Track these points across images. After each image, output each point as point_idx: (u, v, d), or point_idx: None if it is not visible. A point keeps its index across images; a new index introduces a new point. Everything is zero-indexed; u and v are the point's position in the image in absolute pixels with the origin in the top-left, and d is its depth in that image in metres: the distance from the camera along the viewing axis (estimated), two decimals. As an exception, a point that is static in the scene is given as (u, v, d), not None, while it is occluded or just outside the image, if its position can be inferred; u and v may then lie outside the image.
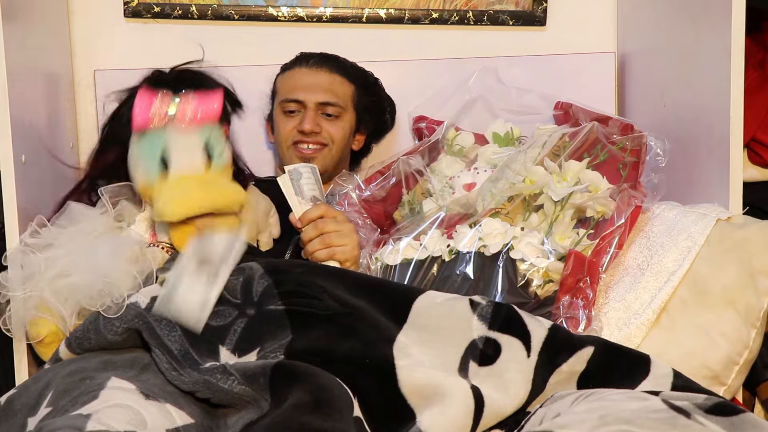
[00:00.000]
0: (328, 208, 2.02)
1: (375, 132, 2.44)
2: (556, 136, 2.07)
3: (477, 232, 1.92)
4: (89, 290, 1.73)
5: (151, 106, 1.89)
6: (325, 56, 2.35)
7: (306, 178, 2.05)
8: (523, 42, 2.54)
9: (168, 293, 1.63)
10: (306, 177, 2.05)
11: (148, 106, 1.90)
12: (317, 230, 1.98)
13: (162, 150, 1.90)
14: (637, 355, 1.64)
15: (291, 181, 2.03)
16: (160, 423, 1.45)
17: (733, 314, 1.82)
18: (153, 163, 1.90)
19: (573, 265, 1.85)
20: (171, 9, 2.46)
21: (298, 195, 2.03)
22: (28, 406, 1.51)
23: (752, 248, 1.85)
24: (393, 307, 1.66)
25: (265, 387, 1.52)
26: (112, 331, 1.63)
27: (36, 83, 2.12)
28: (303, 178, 2.04)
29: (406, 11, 2.51)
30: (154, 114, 1.89)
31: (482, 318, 1.63)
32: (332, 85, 2.31)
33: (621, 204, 1.93)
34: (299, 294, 1.66)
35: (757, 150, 2.40)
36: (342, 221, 2.00)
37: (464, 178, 2.10)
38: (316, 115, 2.29)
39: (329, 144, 2.30)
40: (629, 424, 1.37)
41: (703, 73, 2.09)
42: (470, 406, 1.52)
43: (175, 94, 1.91)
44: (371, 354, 1.58)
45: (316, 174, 2.07)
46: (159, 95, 1.90)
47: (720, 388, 1.80)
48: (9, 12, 1.90)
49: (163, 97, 1.90)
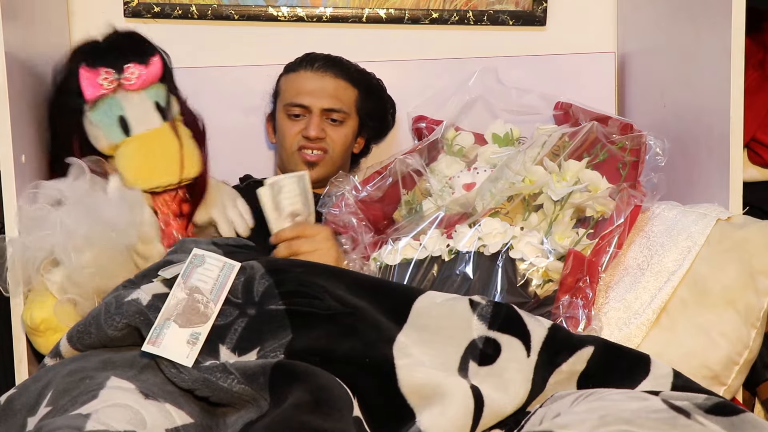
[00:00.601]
0: (305, 227, 2.02)
1: (376, 134, 2.44)
2: (555, 136, 2.07)
3: (476, 231, 1.92)
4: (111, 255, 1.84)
5: (97, 77, 2.02)
6: (330, 60, 2.35)
7: (287, 191, 2.04)
8: (523, 42, 2.54)
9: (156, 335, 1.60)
10: (287, 191, 2.04)
11: (94, 79, 2.02)
12: (289, 251, 2.00)
13: (118, 112, 2.02)
14: (637, 355, 1.64)
15: (270, 196, 2.03)
16: (159, 422, 1.45)
17: (733, 314, 1.82)
18: (113, 126, 2.02)
19: (572, 265, 1.85)
20: (171, 9, 2.47)
21: (277, 210, 2.02)
22: (27, 406, 1.51)
23: (752, 248, 1.85)
24: (393, 307, 1.66)
25: (264, 386, 1.52)
26: (112, 327, 1.64)
27: (36, 83, 2.12)
28: (283, 192, 2.04)
29: (406, 11, 2.51)
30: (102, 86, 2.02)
31: (482, 318, 1.63)
32: (337, 91, 2.32)
33: (620, 203, 1.93)
34: (300, 294, 1.66)
35: (757, 150, 2.40)
36: (321, 240, 2.00)
37: (464, 178, 2.10)
38: (321, 120, 2.30)
39: (332, 150, 2.30)
40: (629, 424, 1.37)
41: (703, 73, 2.09)
42: (470, 405, 1.52)
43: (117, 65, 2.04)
44: (371, 354, 1.58)
45: (302, 184, 2.06)
46: (102, 69, 2.03)
47: (720, 388, 1.80)
48: (9, 12, 1.90)
49: (105, 73, 2.03)
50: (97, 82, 2.02)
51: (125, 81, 2.03)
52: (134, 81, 2.03)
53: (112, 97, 2.02)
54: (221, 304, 1.66)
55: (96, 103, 2.02)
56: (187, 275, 1.67)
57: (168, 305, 1.62)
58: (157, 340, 1.58)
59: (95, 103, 2.02)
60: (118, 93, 2.03)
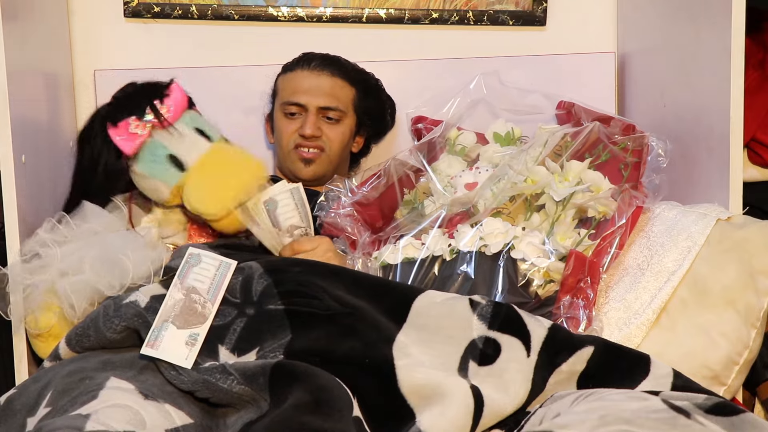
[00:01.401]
0: (303, 243, 2.00)
1: (375, 134, 2.44)
2: (557, 136, 2.06)
3: (478, 231, 1.92)
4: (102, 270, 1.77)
5: (128, 128, 1.95)
6: (327, 59, 2.35)
7: (283, 206, 2.02)
8: (523, 42, 2.54)
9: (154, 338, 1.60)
10: (283, 205, 2.02)
11: (126, 132, 1.95)
12: None
13: (165, 152, 1.95)
14: (637, 355, 1.64)
15: (266, 212, 2.01)
16: (159, 423, 1.45)
17: (733, 314, 1.82)
18: (165, 167, 1.95)
19: (574, 265, 1.85)
20: (171, 9, 2.46)
21: (275, 227, 2.01)
22: (27, 406, 1.51)
23: (752, 248, 1.85)
24: (392, 307, 1.66)
25: (264, 387, 1.52)
26: (111, 329, 1.63)
27: (36, 83, 2.12)
28: (279, 207, 2.02)
29: (406, 11, 2.51)
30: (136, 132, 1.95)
31: (482, 317, 1.63)
32: (334, 89, 2.31)
33: (622, 204, 1.93)
34: (299, 294, 1.66)
35: (757, 150, 2.39)
36: (321, 252, 1.98)
37: (466, 177, 2.10)
38: (317, 119, 2.29)
39: (329, 148, 2.30)
40: (629, 424, 1.37)
41: (703, 73, 2.09)
42: (470, 405, 1.52)
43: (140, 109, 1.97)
44: (371, 354, 1.58)
45: (297, 195, 2.05)
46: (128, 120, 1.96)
47: (720, 388, 1.80)
48: (9, 12, 1.90)
49: (134, 123, 1.96)
50: (131, 132, 1.95)
51: (155, 120, 1.96)
52: (166, 114, 1.96)
53: (151, 142, 1.95)
54: (219, 304, 1.66)
55: (137, 154, 1.95)
56: (183, 275, 1.67)
57: (165, 306, 1.62)
58: (156, 343, 1.58)
59: (137, 155, 1.96)
60: (155, 136, 1.95)
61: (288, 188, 2.05)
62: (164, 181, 1.96)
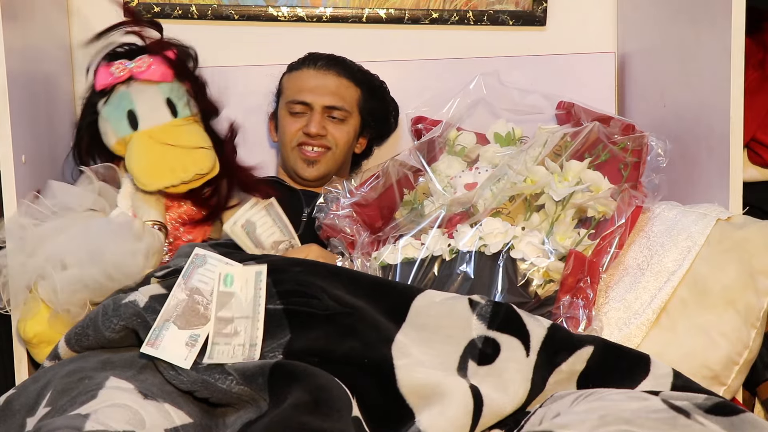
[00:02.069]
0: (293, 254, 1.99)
1: (378, 135, 2.44)
2: (557, 136, 2.07)
3: (478, 231, 1.92)
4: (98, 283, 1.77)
5: (110, 69, 2.03)
6: (333, 59, 2.35)
7: (261, 225, 2.02)
8: (523, 42, 2.54)
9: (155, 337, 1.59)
10: (261, 224, 2.02)
11: (107, 71, 2.03)
12: None
13: (128, 106, 2.01)
14: (637, 354, 1.64)
15: (246, 235, 2.01)
16: (158, 423, 1.45)
17: (733, 314, 1.82)
18: (122, 119, 2.01)
19: (573, 265, 1.85)
20: (171, 9, 2.46)
21: (259, 247, 2.01)
22: (27, 406, 1.51)
23: (752, 248, 1.85)
24: (392, 307, 1.66)
25: (263, 387, 1.52)
26: (110, 329, 1.63)
27: (36, 83, 2.12)
28: (258, 228, 2.02)
29: (406, 11, 2.51)
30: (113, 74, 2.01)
31: (481, 317, 1.63)
32: (339, 89, 2.32)
33: (622, 204, 1.93)
34: (298, 293, 1.66)
35: (757, 150, 2.39)
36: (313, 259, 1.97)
37: (466, 177, 2.10)
38: (322, 117, 2.30)
39: (333, 147, 2.31)
40: (629, 424, 1.37)
41: (703, 73, 2.09)
42: (469, 405, 1.52)
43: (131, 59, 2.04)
44: (370, 354, 1.58)
45: (272, 211, 2.04)
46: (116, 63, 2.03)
47: (720, 388, 1.80)
48: (9, 12, 1.90)
49: (119, 63, 2.03)
50: (109, 72, 2.01)
51: (136, 69, 2.00)
52: (144, 69, 1.99)
53: (125, 90, 2.00)
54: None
55: (109, 96, 2.01)
56: (188, 276, 1.67)
57: (168, 306, 1.62)
58: (156, 342, 1.57)
59: (108, 96, 2.01)
60: (131, 86, 2.00)
61: (262, 206, 2.04)
62: (114, 129, 2.03)
